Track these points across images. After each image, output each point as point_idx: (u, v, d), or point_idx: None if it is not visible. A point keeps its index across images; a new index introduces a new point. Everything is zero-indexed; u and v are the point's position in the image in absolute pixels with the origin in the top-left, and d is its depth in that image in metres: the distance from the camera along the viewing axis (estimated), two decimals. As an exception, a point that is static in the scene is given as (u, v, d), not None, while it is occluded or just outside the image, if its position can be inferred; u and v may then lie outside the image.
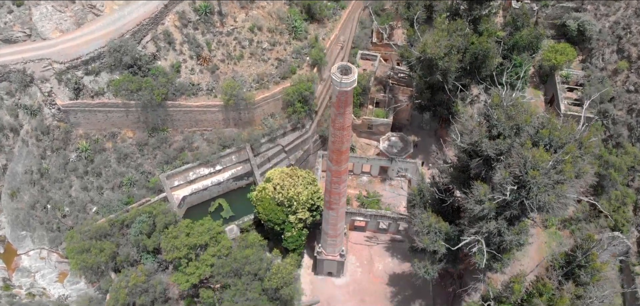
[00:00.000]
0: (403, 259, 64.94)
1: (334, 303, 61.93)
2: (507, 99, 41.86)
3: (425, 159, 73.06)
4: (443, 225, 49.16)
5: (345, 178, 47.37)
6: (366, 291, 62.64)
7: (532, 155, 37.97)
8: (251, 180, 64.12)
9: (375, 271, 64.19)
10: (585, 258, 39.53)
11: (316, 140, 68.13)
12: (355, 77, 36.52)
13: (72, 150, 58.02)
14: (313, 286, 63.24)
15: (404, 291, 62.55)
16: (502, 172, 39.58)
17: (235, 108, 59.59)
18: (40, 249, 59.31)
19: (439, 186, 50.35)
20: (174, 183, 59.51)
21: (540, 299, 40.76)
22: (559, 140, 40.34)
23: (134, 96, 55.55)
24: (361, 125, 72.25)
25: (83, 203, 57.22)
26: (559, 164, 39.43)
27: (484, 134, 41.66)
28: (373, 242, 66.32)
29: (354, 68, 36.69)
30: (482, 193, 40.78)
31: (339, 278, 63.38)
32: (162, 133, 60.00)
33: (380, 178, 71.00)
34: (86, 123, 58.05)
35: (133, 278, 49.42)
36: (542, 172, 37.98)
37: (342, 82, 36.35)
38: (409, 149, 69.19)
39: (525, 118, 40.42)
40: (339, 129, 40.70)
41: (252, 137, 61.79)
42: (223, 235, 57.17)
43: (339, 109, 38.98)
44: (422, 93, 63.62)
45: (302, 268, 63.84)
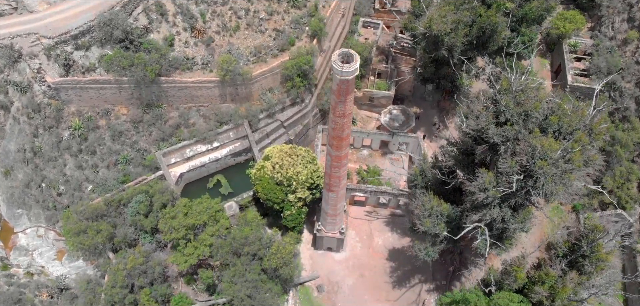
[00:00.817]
0: (403, 234, 64.64)
1: (334, 277, 62.01)
2: (516, 83, 40.01)
3: (427, 132, 71.65)
4: (445, 207, 48.34)
5: (345, 162, 46.15)
6: (366, 266, 62.61)
7: (540, 144, 36.58)
8: (250, 156, 62.85)
9: (374, 246, 63.99)
10: (591, 248, 38.86)
11: (316, 114, 66.44)
12: (356, 66, 34.58)
13: (64, 128, 56.38)
14: (313, 261, 63.16)
15: (403, 266, 62.54)
16: (509, 161, 38.31)
17: (232, 83, 57.56)
18: (37, 227, 58.63)
19: (441, 168, 49.11)
20: (170, 161, 58.25)
21: (542, 287, 40.42)
22: (569, 126, 38.87)
23: (127, 73, 53.43)
24: (362, 97, 70.37)
25: (78, 181, 56.11)
26: (568, 153, 38.13)
27: (490, 120, 40.12)
28: (373, 217, 65.81)
29: (356, 56, 34.67)
30: (487, 182, 39.65)
31: (339, 253, 63.21)
32: (157, 110, 58.20)
33: (380, 152, 69.76)
34: (78, 101, 56.13)
35: (131, 260, 48.98)
36: (550, 162, 36.73)
37: (343, 71, 34.45)
38: (410, 123, 67.66)
39: (534, 105, 38.75)
40: (340, 117, 39.09)
41: (250, 112, 60.04)
42: (222, 213, 56.46)
43: (340, 97, 37.24)
44: (426, 67, 61.47)
45: (301, 243, 63.56)
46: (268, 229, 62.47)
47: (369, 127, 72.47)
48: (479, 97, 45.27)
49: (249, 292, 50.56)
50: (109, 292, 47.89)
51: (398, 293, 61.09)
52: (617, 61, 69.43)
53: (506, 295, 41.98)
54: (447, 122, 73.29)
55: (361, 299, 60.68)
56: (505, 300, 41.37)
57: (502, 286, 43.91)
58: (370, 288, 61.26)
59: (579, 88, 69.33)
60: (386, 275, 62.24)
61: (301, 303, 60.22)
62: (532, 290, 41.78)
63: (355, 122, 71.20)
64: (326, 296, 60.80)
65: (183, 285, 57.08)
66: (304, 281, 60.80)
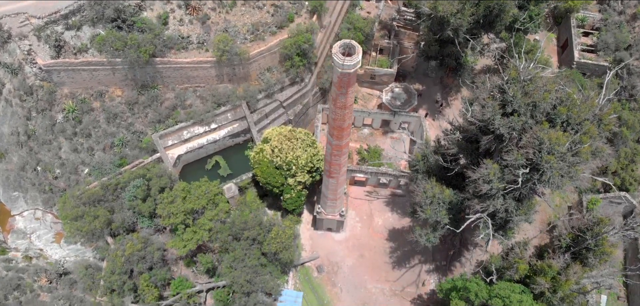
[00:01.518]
0: (403, 214, 64.28)
1: (333, 258, 61.99)
2: (525, 73, 38.41)
3: (429, 110, 70.24)
4: (446, 194, 47.57)
5: (346, 151, 45.06)
6: (365, 246, 62.51)
7: (548, 138, 35.42)
8: (248, 137, 61.67)
9: (374, 227, 63.72)
10: (596, 241, 38.29)
11: (316, 93, 64.86)
12: (359, 58, 32.99)
13: (58, 110, 54.95)
14: (312, 241, 63.00)
15: (403, 247, 62.43)
16: (515, 153, 37.23)
17: (229, 63, 55.75)
18: (34, 209, 58.05)
19: (444, 155, 48.00)
20: (167, 143, 57.09)
21: (544, 279, 40.10)
22: (578, 117, 37.62)
23: (120, 54, 51.58)
24: (363, 75, 68.56)
25: (74, 165, 55.12)
26: (576, 145, 37.03)
27: (497, 110, 38.77)
28: (373, 197, 65.26)
29: (358, 48, 33.02)
30: (491, 174, 38.71)
31: (339, 234, 62.98)
32: (153, 91, 56.60)
33: (382, 131, 68.58)
34: (71, 83, 54.46)
35: (129, 247, 48.55)
36: (558, 157, 35.68)
37: (344, 64, 32.90)
38: (413, 102, 66.15)
39: (543, 95, 37.32)
40: (341, 108, 37.77)
41: (248, 93, 58.46)
42: (221, 196, 55.80)
43: (341, 89, 35.82)
44: (430, 46, 59.50)
45: (301, 224, 63.27)
46: (268, 210, 62.10)
47: (370, 105, 71.04)
48: (485, 82, 43.71)
49: (248, 277, 50.45)
50: (108, 279, 47.68)
51: (398, 273, 61.22)
52: (626, 37, 67.42)
53: (507, 286, 41.72)
54: (450, 99, 71.86)
55: (361, 279, 60.85)
56: (507, 291, 41.13)
57: (503, 275, 43.61)
58: (370, 269, 61.36)
59: (586, 65, 67.64)
60: (386, 255, 62.21)
61: (301, 284, 60.40)
62: (534, 280, 41.48)
63: (356, 100, 69.69)
64: (326, 276, 60.94)
65: (183, 267, 56.99)
66: (303, 262, 60.80)
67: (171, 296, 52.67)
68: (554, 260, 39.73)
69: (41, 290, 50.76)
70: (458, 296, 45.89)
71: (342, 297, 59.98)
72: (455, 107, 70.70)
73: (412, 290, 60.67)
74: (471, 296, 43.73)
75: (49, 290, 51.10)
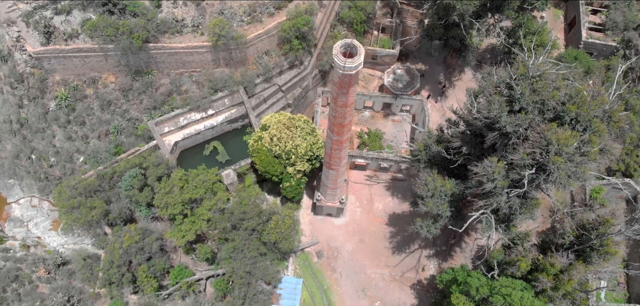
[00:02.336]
0: (404, 198, 63.69)
1: (333, 243, 61.74)
2: (534, 69, 36.76)
3: (431, 91, 68.64)
4: (448, 187, 46.70)
5: (346, 145, 43.94)
6: (365, 231, 62.19)
7: (556, 139, 34.19)
8: (247, 122, 60.31)
9: (375, 211, 63.22)
10: (600, 241, 37.64)
11: (315, 75, 63.08)
12: (361, 60, 31.42)
13: (50, 98, 53.37)
14: (312, 226, 62.62)
15: (403, 231, 62.05)
16: (521, 153, 36.09)
17: (225, 48, 53.85)
18: (30, 197, 57.25)
19: (448, 148, 46.81)
20: (164, 130, 55.78)
21: (547, 277, 39.68)
22: (587, 115, 36.29)
23: (112, 40, 49.62)
24: (365, 55, 66.38)
25: (69, 153, 53.95)
26: (585, 145, 35.87)
27: (504, 107, 37.35)
28: (374, 181, 64.50)
29: (360, 48, 31.38)
30: (496, 173, 37.68)
31: (339, 219, 62.53)
32: (147, 77, 54.86)
33: (383, 114, 67.16)
34: (62, 70, 52.65)
35: (127, 239, 47.98)
36: (566, 158, 34.58)
37: (345, 66, 31.32)
38: (415, 84, 64.46)
39: (552, 93, 35.85)
40: (342, 107, 36.40)
41: (246, 78, 56.73)
42: (219, 185, 54.97)
43: (342, 89, 34.36)
44: (434, 29, 57.42)
45: (301, 209, 62.76)
46: (267, 196, 61.42)
47: (371, 85, 69.39)
48: (491, 74, 42.09)
49: (248, 269, 50.19)
50: (106, 272, 47.32)
51: (397, 258, 61.11)
52: (635, 16, 65.19)
53: (509, 283, 41.34)
54: (453, 80, 70.11)
55: (360, 265, 60.78)
56: (508, 288, 40.79)
57: (505, 270, 43.19)
58: (369, 254, 61.21)
59: (593, 45, 65.74)
60: (386, 240, 61.97)
61: (301, 269, 60.35)
62: (535, 276, 41.10)
63: (357, 82, 67.89)
64: (326, 261, 60.83)
65: (182, 254, 56.72)
66: (303, 248, 60.58)
67: (171, 285, 52.56)
68: (556, 257, 39.12)
69: (40, 281, 50.50)
70: (458, 290, 45.63)
71: (342, 282, 60.04)
72: (459, 88, 69.19)
73: (411, 275, 60.67)
74: (472, 291, 43.45)
75: (47, 281, 50.83)
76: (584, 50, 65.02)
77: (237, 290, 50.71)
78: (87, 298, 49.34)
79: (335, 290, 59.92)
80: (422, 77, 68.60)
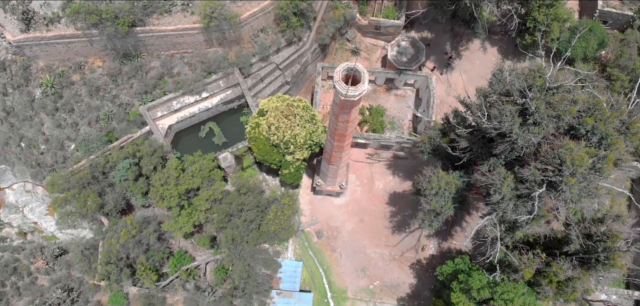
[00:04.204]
0: (404, 177, 62.53)
1: (333, 223, 61.29)
2: (552, 79, 33.88)
3: (437, 63, 65.35)
4: (453, 186, 45.13)
5: (348, 147, 41.90)
6: (365, 211, 61.55)
7: (571, 159, 32.13)
8: (244, 102, 57.69)
9: (375, 191, 62.23)
10: (606, 255, 36.69)
11: (315, 50, 59.59)
12: (365, 87, 28.73)
13: (35, 85, 50.45)
14: (312, 206, 61.88)
15: (403, 211, 61.45)
16: (532, 168, 34.18)
17: (217, 28, 50.24)
18: (24, 182, 55.86)
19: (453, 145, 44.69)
20: (156, 114, 53.36)
21: (550, 285, 39.19)
22: (605, 129, 34.06)
23: (97, 26, 46.03)
24: (368, 26, 62.67)
25: (59, 140, 51.84)
26: (600, 161, 33.93)
27: (516, 119, 34.93)
28: (374, 159, 62.96)
29: (365, 74, 28.61)
30: (504, 187, 35.97)
31: (338, 198, 61.68)
32: (136, 60, 51.58)
33: (385, 88, 64.35)
34: (46, 56, 49.33)
35: (123, 235, 47.08)
36: (580, 178, 32.75)
37: (348, 94, 28.71)
38: (420, 58, 61.12)
39: (569, 109, 33.29)
40: (344, 123, 34.02)
41: (241, 58, 53.43)
42: (216, 171, 53.41)
43: (344, 110, 31.85)
44: (442, 6, 53.44)
45: (301, 189, 61.73)
46: (266, 176, 60.17)
47: (373, 56, 65.95)
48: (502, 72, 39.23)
49: (248, 261, 49.80)
50: (104, 269, 46.86)
51: (397, 238, 60.89)
52: (656, -18, 60.72)
53: (511, 287, 40.92)
54: (460, 49, 66.56)
55: (360, 244, 60.66)
56: (510, 294, 40.44)
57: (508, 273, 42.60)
58: (369, 234, 60.93)
59: (609, 14, 61.75)
60: (386, 220, 61.44)
61: (301, 250, 60.28)
62: (538, 282, 40.63)
63: (359, 52, 64.57)
64: (325, 241, 60.65)
65: (181, 238, 56.26)
66: (303, 229, 60.15)
67: (172, 274, 52.45)
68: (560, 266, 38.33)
69: (38, 273, 50.26)
70: (459, 288, 45.38)
71: (341, 262, 60.17)
72: (466, 59, 65.93)
73: (411, 255, 60.67)
74: (473, 292, 43.20)
75: (46, 272, 50.59)
76: (598, 20, 61.25)
77: (237, 280, 50.61)
78: (87, 291, 49.34)
79: (334, 270, 60.16)
80: (428, 46, 65.05)
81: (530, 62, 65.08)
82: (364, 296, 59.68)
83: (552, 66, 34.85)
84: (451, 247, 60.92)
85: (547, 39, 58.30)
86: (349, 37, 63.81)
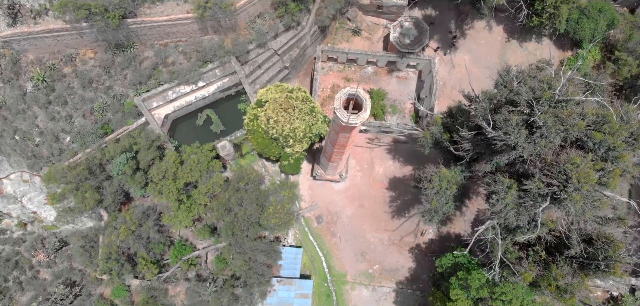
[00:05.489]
0: (405, 162, 61.96)
1: (333, 208, 61.23)
2: (562, 93, 32.52)
3: (441, 43, 63.30)
4: (454, 178, 44.55)
5: (349, 150, 40.95)
6: (365, 196, 61.35)
7: (577, 177, 31.38)
8: (241, 88, 56.22)
9: (375, 176, 61.80)
10: (606, 263, 36.64)
11: (314, 32, 57.48)
12: (366, 115, 27.52)
13: (26, 79, 48.77)
14: (312, 191, 61.60)
15: (403, 196, 61.27)
16: (537, 182, 33.47)
17: (213, 17, 48.14)
18: (21, 172, 55.10)
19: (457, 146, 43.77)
20: (152, 105, 52.04)
21: (548, 288, 39.39)
22: (613, 143, 33.12)
23: (86, 19, 43.97)
24: (369, 4, 60.20)
25: (54, 132, 50.77)
26: (606, 174, 33.22)
27: (522, 132, 33.81)
28: (375, 144, 62.14)
29: (366, 101, 27.34)
30: (508, 198, 35.39)
31: (338, 184, 61.33)
32: (129, 51, 49.70)
33: (387, 69, 62.60)
34: (35, 49, 47.38)
35: (123, 231, 46.96)
36: (585, 194, 32.14)
37: (349, 121, 27.56)
38: (424, 40, 59.11)
39: (578, 124, 32.18)
40: (345, 138, 32.96)
41: (237, 46, 51.50)
42: (215, 162, 52.72)
43: (345, 131, 30.76)
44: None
45: (300, 174, 61.25)
46: (266, 162, 59.56)
47: (375, 36, 63.74)
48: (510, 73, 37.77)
49: (248, 255, 49.98)
50: (105, 265, 47.03)
51: (397, 222, 61.02)
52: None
53: (509, 288, 41.22)
54: (465, 28, 64.29)
55: (360, 229, 60.87)
56: (509, 295, 40.79)
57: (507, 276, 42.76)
58: (369, 218, 61.01)
59: (620, -9, 59.25)
60: (386, 204, 61.35)
61: (301, 234, 60.54)
62: (536, 282, 40.86)
63: (360, 32, 62.41)
64: (325, 226, 60.82)
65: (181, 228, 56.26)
66: (303, 214, 60.18)
67: (172, 264, 52.78)
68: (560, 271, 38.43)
69: (40, 266, 50.49)
70: (458, 284, 45.71)
71: (341, 246, 60.58)
72: (471, 38, 63.79)
73: (410, 239, 61.02)
74: (472, 291, 43.56)
75: (48, 265, 50.83)
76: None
77: (238, 272, 51.00)
78: (89, 284, 49.78)
79: (334, 254, 60.65)
80: (432, 25, 62.87)
81: (536, 42, 63.20)
82: (364, 279, 60.48)
83: (562, 76, 33.38)
84: (450, 232, 61.13)
85: (555, 21, 56.18)
86: (350, 16, 61.46)
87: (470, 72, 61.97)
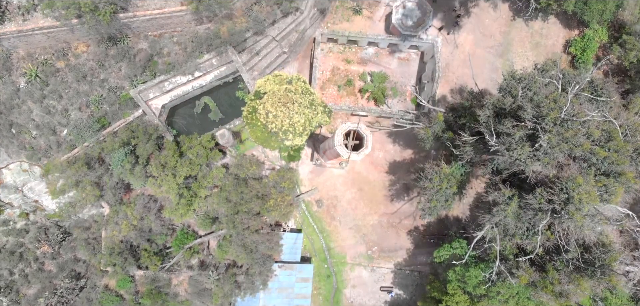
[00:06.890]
0: (404, 146, 61.77)
1: (333, 192, 61.61)
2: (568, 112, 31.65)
3: (445, 22, 61.28)
4: (454, 176, 44.48)
5: (349, 157, 40.52)
6: (365, 180, 61.60)
7: (578, 197, 31.24)
8: (239, 76, 54.98)
9: (375, 160, 61.71)
10: (602, 271, 37.16)
11: (314, 15, 55.55)
12: (368, 150, 26.90)
13: (18, 75, 47.45)
14: (312, 175, 61.72)
15: (402, 179, 61.52)
16: (538, 197, 33.34)
17: (207, 8, 46.30)
18: (20, 162, 54.83)
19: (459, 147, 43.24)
20: (149, 96, 51.01)
21: (545, 291, 40.17)
22: (617, 160, 32.73)
23: (77, 16, 42.23)
24: (369, -15, 57.73)
25: (50, 126, 50.10)
26: (607, 192, 33.07)
27: (526, 150, 33.28)
28: (375, 128, 61.51)
29: (368, 137, 26.63)
30: (508, 211, 35.39)
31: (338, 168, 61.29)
32: (123, 43, 48.10)
33: (388, 50, 61.04)
34: (25, 45, 45.77)
35: (125, 227, 47.34)
36: (585, 213, 32.10)
37: (350, 158, 27.02)
38: (427, 23, 57.15)
39: (583, 145, 31.60)
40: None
41: (234, 34, 49.81)
42: (214, 153, 52.47)
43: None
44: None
45: (300, 159, 61.08)
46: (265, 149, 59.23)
47: (376, 14, 61.56)
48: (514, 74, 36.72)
49: (251, 247, 50.65)
50: (108, 259, 47.71)
51: (396, 206, 61.68)
52: None
53: (505, 287, 42.11)
54: (469, 6, 62.10)
55: (360, 212, 61.58)
56: (506, 295, 41.71)
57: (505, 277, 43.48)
58: (368, 202, 61.59)
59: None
60: (385, 188, 61.74)
61: (301, 217, 61.22)
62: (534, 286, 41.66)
63: (361, 11, 60.31)
64: (325, 210, 61.43)
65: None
66: (303, 198, 60.56)
67: (175, 253, 53.62)
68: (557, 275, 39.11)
69: (45, 258, 51.23)
70: (456, 280, 46.63)
71: (341, 229, 61.49)
72: (476, 17, 61.80)
73: (408, 222, 61.87)
74: (469, 288, 44.51)
75: (52, 257, 51.56)
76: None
77: (240, 261, 51.91)
78: (94, 275, 50.73)
79: (334, 237, 61.63)
80: (435, 1, 60.64)
81: (542, 20, 61.42)
82: (363, 261, 61.79)
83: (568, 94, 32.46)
84: (449, 214, 61.71)
85: (563, 2, 54.31)
86: (350, -6, 59.14)
87: (473, 53, 60.52)
